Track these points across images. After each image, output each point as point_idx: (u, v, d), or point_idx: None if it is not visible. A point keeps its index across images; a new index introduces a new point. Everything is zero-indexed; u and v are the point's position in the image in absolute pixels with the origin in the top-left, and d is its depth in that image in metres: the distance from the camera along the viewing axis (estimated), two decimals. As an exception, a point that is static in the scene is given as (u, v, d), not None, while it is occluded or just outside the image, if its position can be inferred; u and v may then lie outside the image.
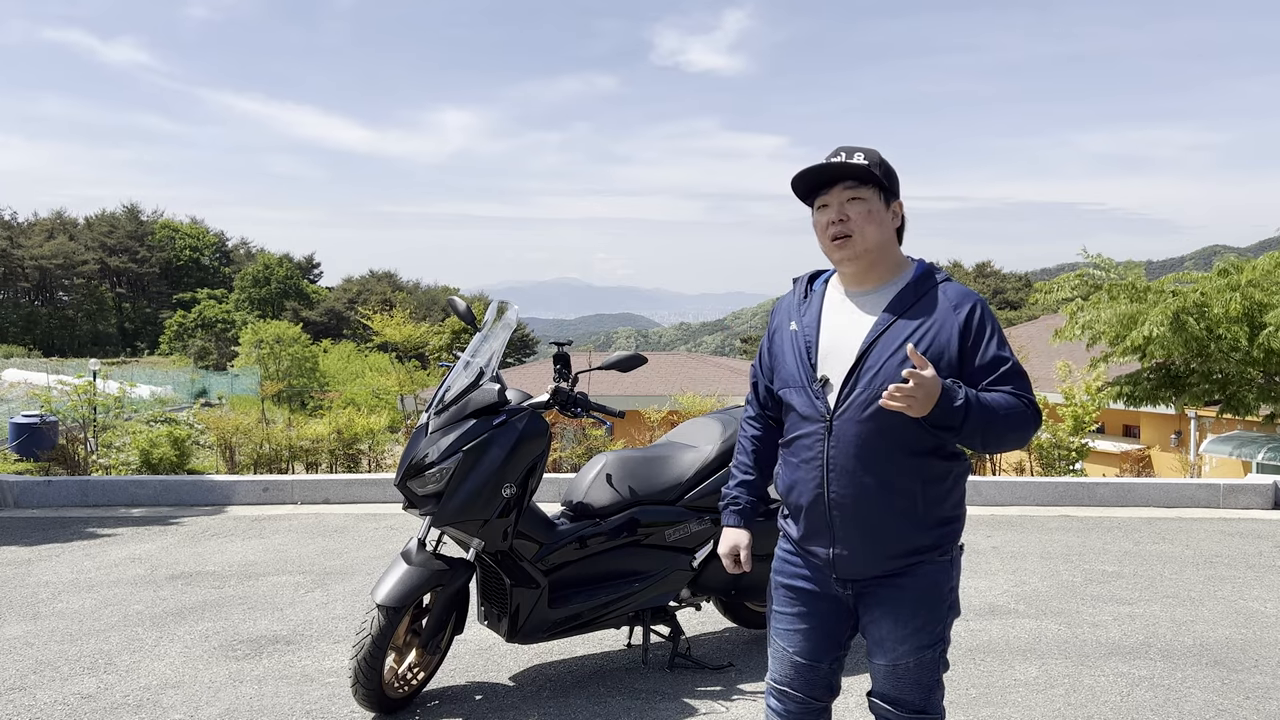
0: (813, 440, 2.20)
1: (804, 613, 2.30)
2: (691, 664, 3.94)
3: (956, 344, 2.14)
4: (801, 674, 2.32)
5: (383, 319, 11.38)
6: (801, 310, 2.31)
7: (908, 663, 2.22)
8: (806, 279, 2.39)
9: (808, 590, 2.30)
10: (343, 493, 7.63)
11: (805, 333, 2.26)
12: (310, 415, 14.53)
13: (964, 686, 3.77)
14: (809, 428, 2.21)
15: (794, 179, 2.25)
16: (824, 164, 2.21)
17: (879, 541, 2.18)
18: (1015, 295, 67.59)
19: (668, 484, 3.92)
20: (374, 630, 3.28)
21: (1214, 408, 11.84)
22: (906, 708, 2.25)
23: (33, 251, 71.27)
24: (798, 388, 2.24)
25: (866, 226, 2.18)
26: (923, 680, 2.24)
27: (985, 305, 2.19)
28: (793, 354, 2.27)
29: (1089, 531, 6.62)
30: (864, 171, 2.18)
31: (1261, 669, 3.99)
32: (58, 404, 10.42)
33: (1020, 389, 2.14)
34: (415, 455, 3.44)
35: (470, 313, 3.72)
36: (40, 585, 5.22)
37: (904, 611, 2.20)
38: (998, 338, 2.16)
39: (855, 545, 2.19)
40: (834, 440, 2.16)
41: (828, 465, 2.17)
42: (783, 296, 2.43)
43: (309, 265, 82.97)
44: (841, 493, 2.17)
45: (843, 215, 2.19)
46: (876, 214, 2.20)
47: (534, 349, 58.27)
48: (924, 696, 2.25)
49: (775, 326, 2.38)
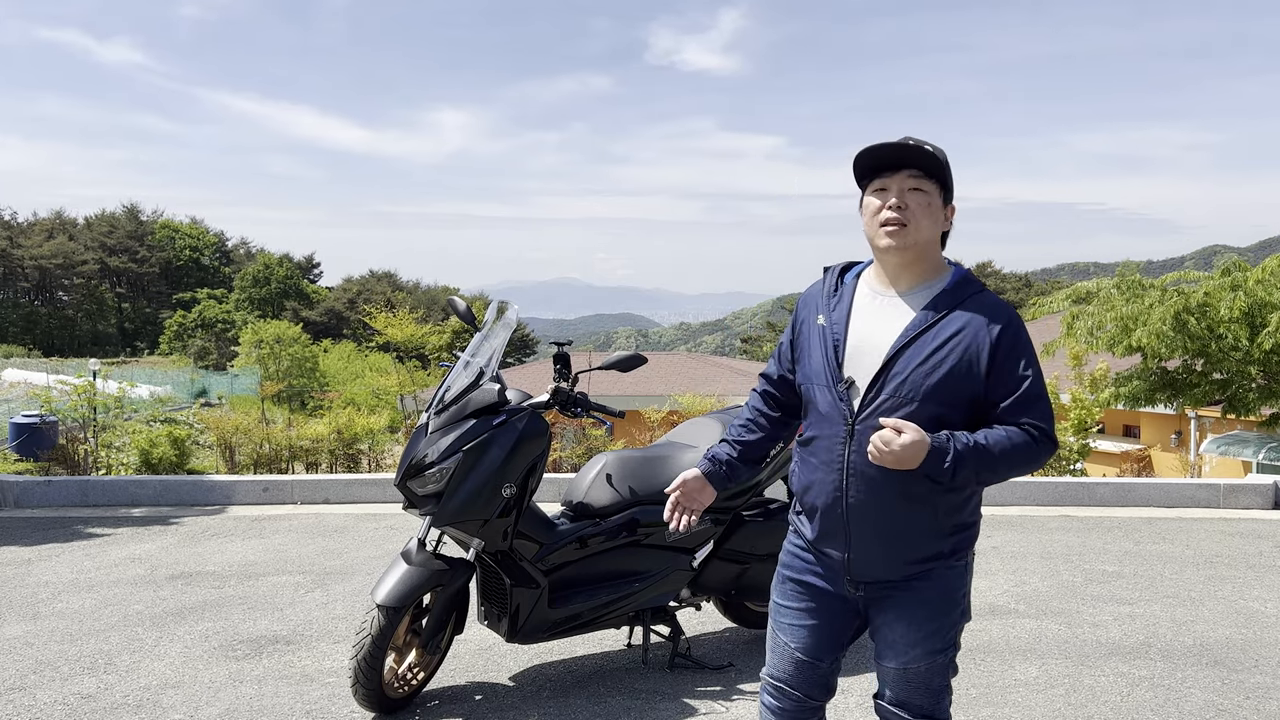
0: (833, 443, 2.16)
1: (811, 609, 2.27)
2: (691, 664, 3.94)
3: (986, 360, 2.08)
4: (801, 671, 2.29)
5: (386, 318, 11.36)
6: (831, 304, 2.24)
7: (919, 667, 2.19)
8: (839, 270, 2.31)
9: (817, 587, 2.26)
10: (343, 493, 7.63)
11: (834, 329, 2.19)
12: (310, 415, 14.53)
13: (964, 686, 3.76)
14: (830, 429, 2.16)
15: (860, 153, 2.16)
16: (897, 143, 2.13)
17: (895, 548, 2.15)
18: (1015, 296, 67.57)
19: (668, 484, 3.92)
20: (374, 630, 3.28)
21: (1215, 408, 11.84)
22: (915, 711, 2.23)
23: (32, 251, 71.28)
24: (822, 386, 2.19)
25: (923, 219, 2.12)
26: (933, 684, 2.22)
27: (1020, 323, 2.14)
28: (820, 350, 2.20)
29: (1089, 531, 6.62)
30: (934, 162, 2.12)
31: (1261, 669, 3.99)
32: (58, 404, 10.41)
33: (1037, 417, 2.10)
34: (415, 455, 3.44)
35: (470, 313, 3.72)
36: (40, 585, 5.22)
37: (919, 615, 2.17)
38: (1025, 358, 2.11)
39: (871, 550, 2.16)
40: (855, 445, 2.12)
41: (848, 470, 2.13)
42: (812, 286, 2.34)
43: (309, 265, 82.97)
44: (860, 498, 2.13)
45: (903, 202, 2.11)
46: (934, 209, 2.14)
47: (534, 349, 58.28)
48: (933, 701, 2.23)
49: (802, 319, 2.31)
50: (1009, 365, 2.09)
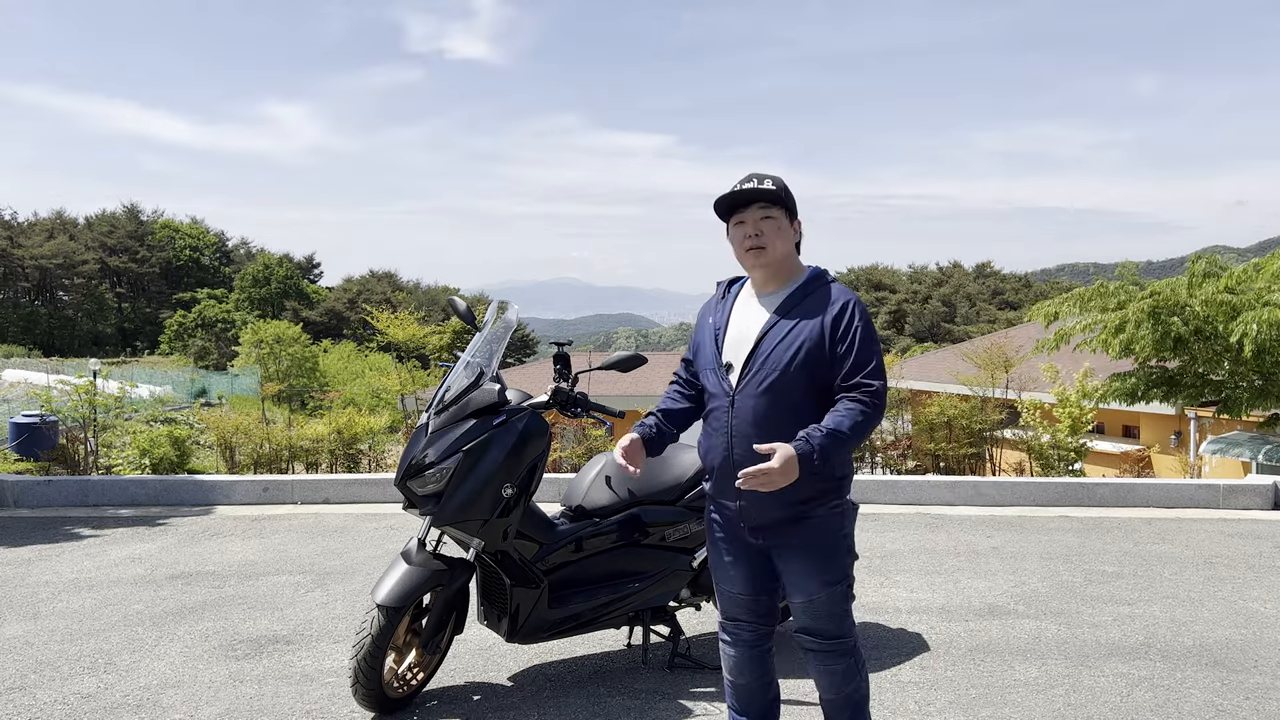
0: (720, 412, 2.74)
1: (733, 558, 2.84)
2: (691, 664, 3.94)
3: (828, 334, 2.63)
4: (745, 605, 2.86)
5: (388, 318, 11.35)
6: (718, 309, 2.86)
7: (820, 597, 2.71)
8: (727, 283, 2.93)
9: (730, 537, 2.83)
10: (343, 493, 7.63)
11: (717, 326, 2.81)
12: (310, 415, 14.53)
13: (964, 686, 3.77)
14: (718, 402, 2.75)
15: (717, 201, 2.74)
16: (743, 189, 2.70)
17: (774, 494, 2.60)
18: (1015, 296, 67.55)
19: (667, 484, 3.93)
20: (374, 630, 3.28)
21: (1211, 408, 11.81)
22: (825, 636, 2.75)
23: (33, 251, 71.30)
24: (709, 370, 2.80)
25: (776, 240, 2.71)
26: (834, 611, 2.74)
27: (857, 303, 2.68)
28: (709, 343, 2.82)
29: (1089, 532, 6.62)
30: (775, 195, 2.70)
31: (1261, 669, 3.99)
32: (58, 404, 10.42)
33: (868, 378, 2.59)
34: (415, 455, 3.44)
35: (470, 313, 3.72)
36: (40, 585, 5.22)
37: (812, 555, 2.70)
38: (859, 331, 2.62)
39: (755, 496, 2.66)
40: (735, 412, 2.69)
41: (731, 432, 2.70)
42: (710, 297, 2.96)
43: (309, 265, 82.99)
44: (742, 454, 2.66)
45: (758, 230, 2.70)
46: (784, 230, 2.72)
47: (534, 349, 58.26)
48: (837, 625, 2.75)
49: (699, 321, 2.94)
50: (844, 338, 2.62)
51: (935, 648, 4.22)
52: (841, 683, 2.78)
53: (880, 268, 75.52)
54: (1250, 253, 17.09)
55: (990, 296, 69.20)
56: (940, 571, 5.51)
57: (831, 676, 2.77)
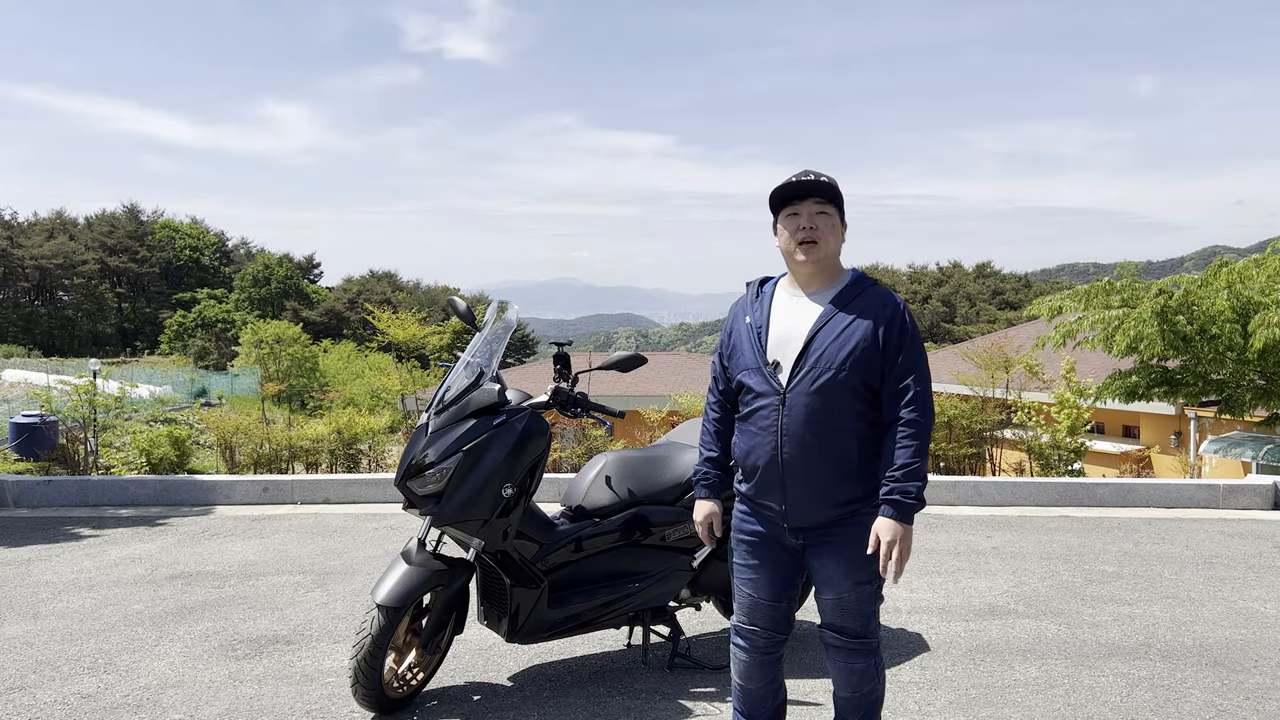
0: (769, 410, 2.66)
1: (761, 560, 2.79)
2: (691, 664, 3.94)
3: (883, 335, 2.61)
4: (764, 612, 2.82)
5: (388, 318, 11.35)
6: (754, 308, 2.79)
7: (850, 595, 2.70)
8: (758, 283, 2.86)
9: (763, 541, 2.78)
10: (343, 493, 7.63)
11: (757, 325, 2.74)
12: (310, 415, 14.53)
13: (964, 686, 3.77)
14: (765, 401, 2.67)
15: (776, 189, 2.69)
16: (801, 180, 2.65)
17: (821, 493, 2.63)
18: (1015, 296, 67.54)
19: (668, 484, 3.93)
20: (374, 630, 3.28)
21: (1211, 408, 11.80)
22: (850, 634, 2.75)
23: (33, 251, 71.28)
24: (753, 370, 2.71)
25: (829, 235, 2.67)
26: (863, 610, 2.73)
27: (906, 309, 2.67)
28: (748, 343, 2.74)
29: (1089, 532, 6.62)
30: (832, 191, 2.67)
31: (1261, 669, 3.99)
32: (58, 404, 10.42)
33: (917, 386, 2.60)
34: (415, 455, 3.43)
35: (470, 313, 3.72)
36: (40, 585, 5.22)
37: (846, 554, 2.67)
38: (909, 338, 2.64)
39: (802, 497, 2.65)
40: (788, 410, 2.63)
41: (781, 432, 2.64)
42: (739, 298, 2.90)
43: (309, 265, 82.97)
44: (792, 453, 2.63)
45: (812, 224, 2.65)
46: (835, 228, 2.69)
47: (534, 349, 58.27)
48: (864, 624, 2.75)
49: (732, 323, 2.86)
50: (896, 344, 2.62)
51: (935, 648, 4.22)
52: (859, 682, 2.78)
53: (880, 268, 75.54)
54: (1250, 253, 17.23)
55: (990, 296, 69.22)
56: (940, 571, 5.51)
57: (850, 675, 2.77)
